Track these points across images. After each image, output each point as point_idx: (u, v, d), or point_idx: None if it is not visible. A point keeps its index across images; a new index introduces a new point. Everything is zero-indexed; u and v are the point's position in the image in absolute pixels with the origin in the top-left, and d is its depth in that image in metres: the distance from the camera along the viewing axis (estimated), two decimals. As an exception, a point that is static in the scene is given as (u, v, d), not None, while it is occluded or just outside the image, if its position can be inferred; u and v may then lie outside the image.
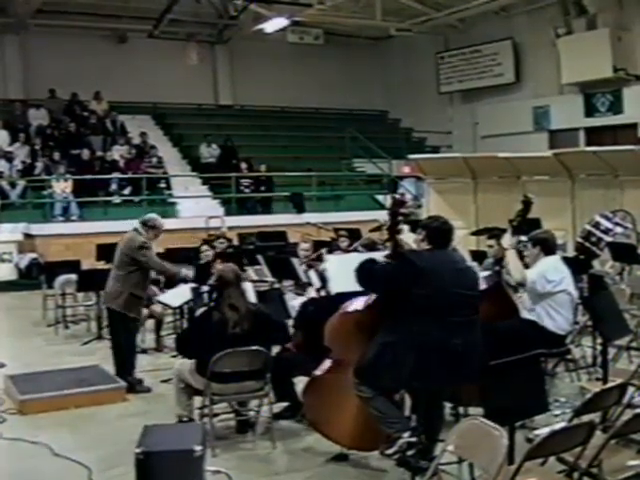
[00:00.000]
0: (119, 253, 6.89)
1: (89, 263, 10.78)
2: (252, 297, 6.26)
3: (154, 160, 17.17)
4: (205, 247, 9.45)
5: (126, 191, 16.16)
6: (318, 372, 5.03)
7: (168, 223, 13.00)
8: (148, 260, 6.80)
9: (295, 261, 8.07)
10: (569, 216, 11.78)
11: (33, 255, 13.92)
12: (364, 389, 4.51)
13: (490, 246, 7.81)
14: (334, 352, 4.92)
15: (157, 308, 8.40)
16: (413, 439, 4.38)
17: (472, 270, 4.78)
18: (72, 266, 10.17)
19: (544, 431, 3.55)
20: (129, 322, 6.87)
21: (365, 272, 4.53)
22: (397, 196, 5.58)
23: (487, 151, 16.78)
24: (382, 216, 5.49)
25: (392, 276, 4.47)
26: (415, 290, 4.32)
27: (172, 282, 8.04)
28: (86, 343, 8.85)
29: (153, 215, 7.17)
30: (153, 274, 7.48)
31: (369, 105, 22.08)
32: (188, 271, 7.55)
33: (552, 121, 18.19)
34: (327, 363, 4.99)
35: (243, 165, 17.52)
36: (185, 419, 5.50)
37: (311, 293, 7.18)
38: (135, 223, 7.03)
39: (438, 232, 4.56)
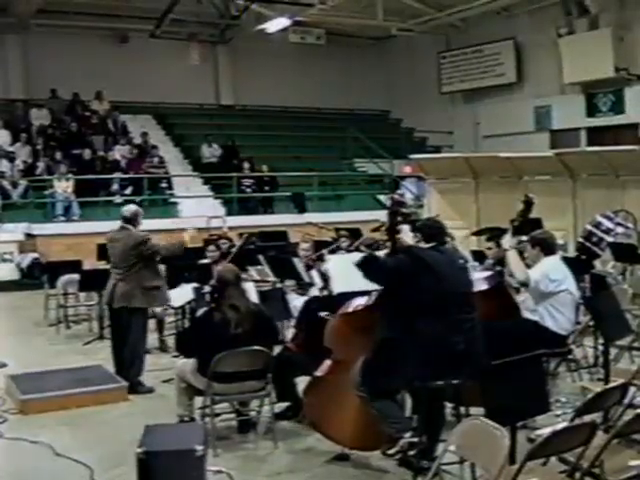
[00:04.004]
0: (122, 253, 6.83)
1: (90, 263, 10.78)
2: (254, 297, 6.25)
3: (155, 160, 17.15)
4: (212, 247, 9.45)
5: (127, 191, 16.13)
6: (319, 372, 5.03)
7: (169, 223, 13.26)
8: (158, 249, 6.80)
9: (297, 261, 8.07)
10: (570, 216, 11.77)
11: (34, 255, 13.92)
12: (365, 389, 4.51)
13: (489, 248, 7.81)
14: (335, 352, 4.93)
15: (158, 308, 8.39)
16: (414, 439, 4.39)
17: (467, 269, 4.85)
18: (73, 266, 10.18)
19: (545, 431, 3.54)
20: (141, 320, 6.86)
21: (369, 263, 4.54)
22: (396, 196, 5.56)
23: (488, 151, 16.78)
24: (383, 216, 5.49)
25: (396, 267, 4.47)
26: (417, 285, 4.34)
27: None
28: (88, 343, 8.85)
29: (131, 206, 7.18)
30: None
31: (370, 105, 22.07)
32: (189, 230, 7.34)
33: (554, 121, 18.17)
34: (328, 363, 4.99)
35: (245, 165, 17.52)
36: (186, 419, 5.51)
37: (313, 293, 7.18)
38: (120, 222, 6.94)
39: (432, 231, 4.64)
